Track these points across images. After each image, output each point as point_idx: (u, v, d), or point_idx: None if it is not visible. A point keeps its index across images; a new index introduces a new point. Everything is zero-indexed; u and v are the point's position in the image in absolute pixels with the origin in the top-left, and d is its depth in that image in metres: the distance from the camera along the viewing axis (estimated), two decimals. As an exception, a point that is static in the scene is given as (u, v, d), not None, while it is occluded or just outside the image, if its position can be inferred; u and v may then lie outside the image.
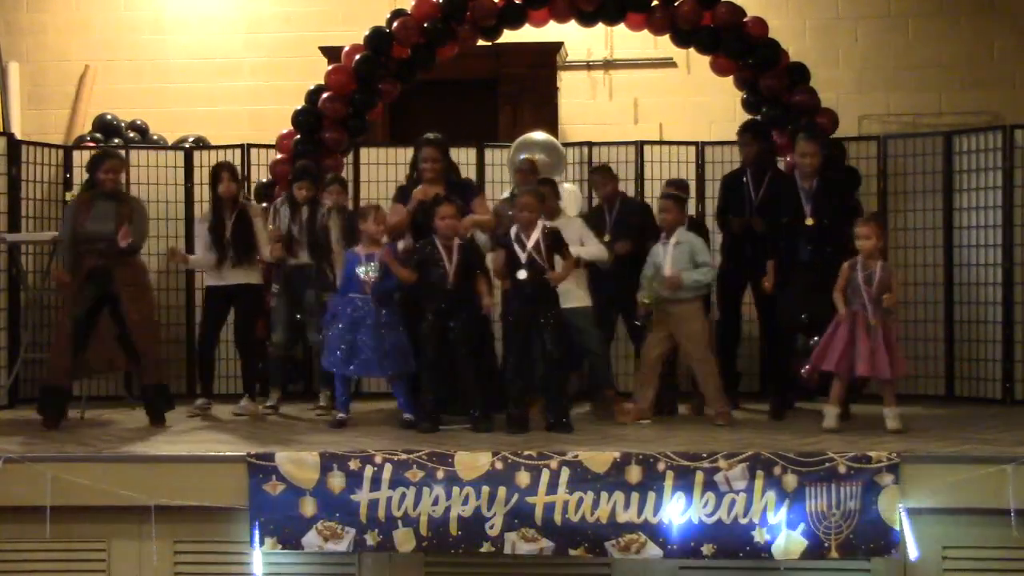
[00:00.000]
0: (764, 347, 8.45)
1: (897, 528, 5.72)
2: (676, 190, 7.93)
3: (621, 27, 9.12)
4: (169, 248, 8.26)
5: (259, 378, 8.09)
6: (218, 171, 7.95)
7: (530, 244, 7.00)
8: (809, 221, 7.47)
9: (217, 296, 7.99)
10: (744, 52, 8.63)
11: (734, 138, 8.79)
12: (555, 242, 7.07)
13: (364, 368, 7.31)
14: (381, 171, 9.31)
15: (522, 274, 6.96)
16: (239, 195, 8.01)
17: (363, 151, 9.34)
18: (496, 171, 9.30)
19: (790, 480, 5.79)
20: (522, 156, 8.26)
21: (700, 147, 9.32)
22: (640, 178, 9.31)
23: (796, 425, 7.08)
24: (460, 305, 7.03)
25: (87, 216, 7.27)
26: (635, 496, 5.82)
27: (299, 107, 8.75)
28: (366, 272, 7.21)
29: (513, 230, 7.11)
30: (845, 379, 6.93)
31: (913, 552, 5.72)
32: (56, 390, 7.30)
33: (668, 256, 7.36)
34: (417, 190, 7.58)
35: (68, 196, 8.78)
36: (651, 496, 5.82)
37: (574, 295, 7.46)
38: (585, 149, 9.43)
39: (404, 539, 5.90)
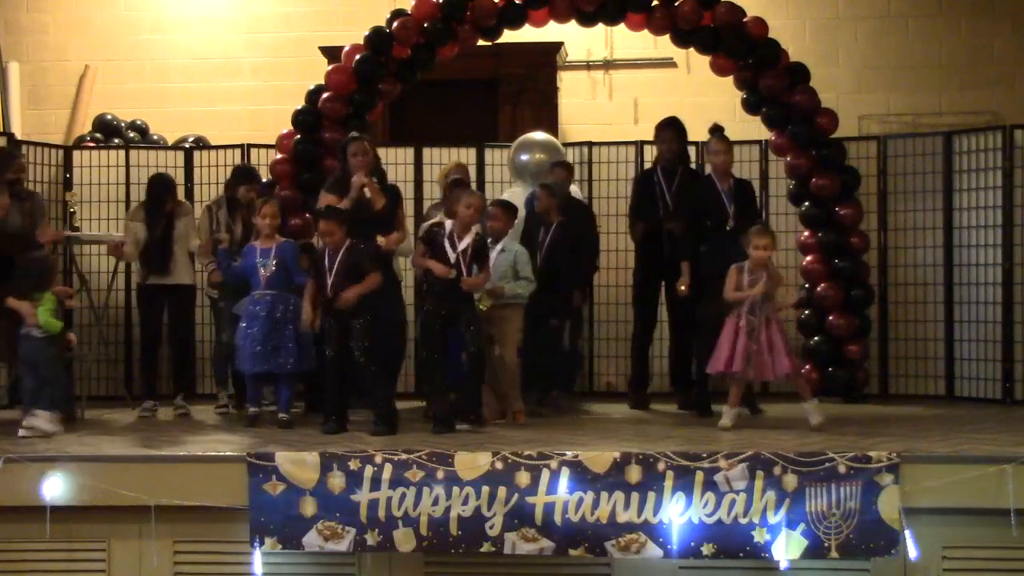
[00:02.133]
0: (672, 347, 8.47)
1: (897, 528, 5.72)
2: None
3: (621, 27, 9.13)
4: (115, 241, 8.25)
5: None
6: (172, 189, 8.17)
7: (461, 246, 7.05)
8: (730, 224, 7.64)
9: (150, 295, 8.07)
10: (744, 52, 8.63)
11: (734, 138, 8.77)
12: (480, 252, 7.13)
13: (259, 365, 7.28)
14: (381, 171, 9.31)
15: (453, 272, 7.00)
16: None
17: (363, 151, 9.32)
18: (496, 171, 9.31)
19: (790, 480, 5.78)
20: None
21: (700, 147, 9.31)
22: (640, 178, 9.31)
23: (796, 425, 7.08)
24: (352, 309, 6.97)
25: None
26: (635, 496, 5.82)
27: (299, 107, 8.74)
28: (265, 267, 7.29)
29: (448, 226, 7.15)
30: (740, 381, 7.13)
31: (913, 552, 5.72)
32: None
33: (493, 265, 7.39)
34: (356, 178, 7.51)
35: (68, 196, 8.79)
36: (651, 496, 5.81)
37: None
38: (585, 149, 9.43)
39: (404, 539, 5.90)
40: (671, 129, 8.34)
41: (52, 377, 7.05)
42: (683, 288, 7.67)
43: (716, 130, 7.95)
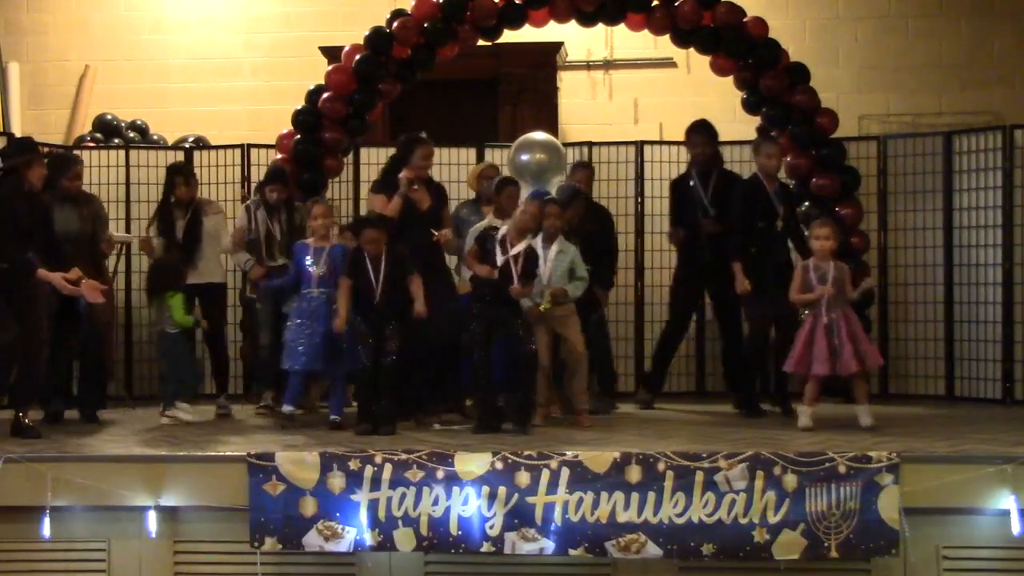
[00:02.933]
0: (726, 348, 8.45)
1: (897, 528, 5.72)
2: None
3: (621, 27, 9.13)
4: (141, 237, 8.23)
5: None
6: (172, 176, 8.06)
7: (513, 252, 7.02)
8: (780, 223, 7.63)
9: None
10: (744, 52, 8.63)
11: (734, 138, 8.82)
12: (531, 260, 7.09)
13: (313, 363, 7.25)
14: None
15: (495, 273, 6.98)
16: (196, 196, 8.13)
17: (363, 151, 9.34)
18: (496, 171, 9.30)
19: (790, 480, 5.78)
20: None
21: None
22: (640, 178, 9.32)
23: (796, 426, 7.08)
24: (390, 315, 6.97)
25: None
26: (635, 496, 5.82)
27: (299, 107, 8.75)
28: (317, 266, 7.24)
29: (502, 230, 7.12)
30: (817, 380, 7.02)
31: (913, 552, 5.72)
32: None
33: (548, 264, 7.34)
34: (404, 174, 7.48)
35: None
36: (651, 496, 5.81)
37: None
38: (585, 149, 9.43)
39: (404, 539, 5.90)
40: (702, 132, 8.35)
41: (185, 370, 7.59)
42: (745, 287, 7.60)
43: (765, 132, 7.93)
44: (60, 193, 7.48)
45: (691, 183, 8.28)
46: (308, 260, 7.28)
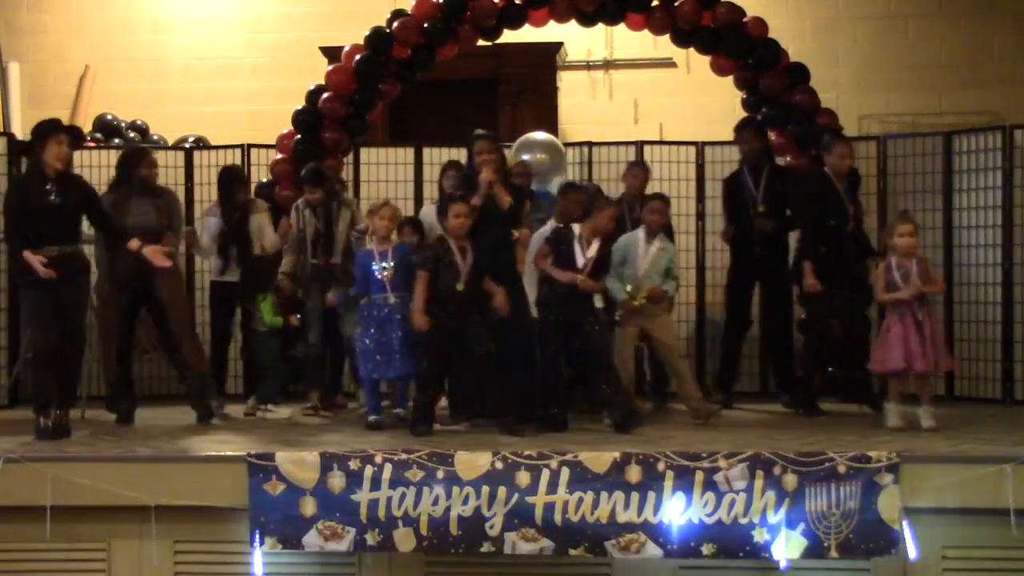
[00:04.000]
0: (774, 345, 8.41)
1: (897, 528, 5.72)
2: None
3: (621, 27, 9.13)
4: (187, 230, 8.20)
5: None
6: (234, 182, 8.06)
7: (590, 252, 7.02)
8: (850, 223, 7.61)
9: (224, 292, 8.07)
10: (744, 52, 8.63)
11: (734, 138, 8.79)
12: (604, 261, 7.09)
13: (400, 370, 7.14)
14: (381, 171, 9.30)
15: (579, 278, 6.96)
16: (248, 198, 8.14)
17: (363, 151, 9.33)
18: (496, 171, 9.29)
19: (790, 480, 5.78)
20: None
21: (700, 147, 9.31)
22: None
23: (796, 425, 7.08)
24: (473, 307, 6.90)
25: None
26: (635, 496, 5.82)
27: (299, 107, 8.75)
28: (382, 269, 7.16)
29: (578, 230, 7.11)
30: (903, 377, 6.95)
31: (913, 552, 5.72)
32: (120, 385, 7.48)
33: (647, 259, 7.35)
34: (484, 175, 7.38)
35: None
36: (651, 496, 5.81)
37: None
38: (585, 149, 9.42)
39: (404, 539, 5.90)
40: (749, 129, 8.34)
41: (272, 368, 7.84)
42: (814, 286, 7.54)
43: (837, 132, 7.93)
44: (137, 185, 7.46)
45: (743, 179, 8.24)
46: (375, 265, 7.15)
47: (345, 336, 7.86)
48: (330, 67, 8.94)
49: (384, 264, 7.14)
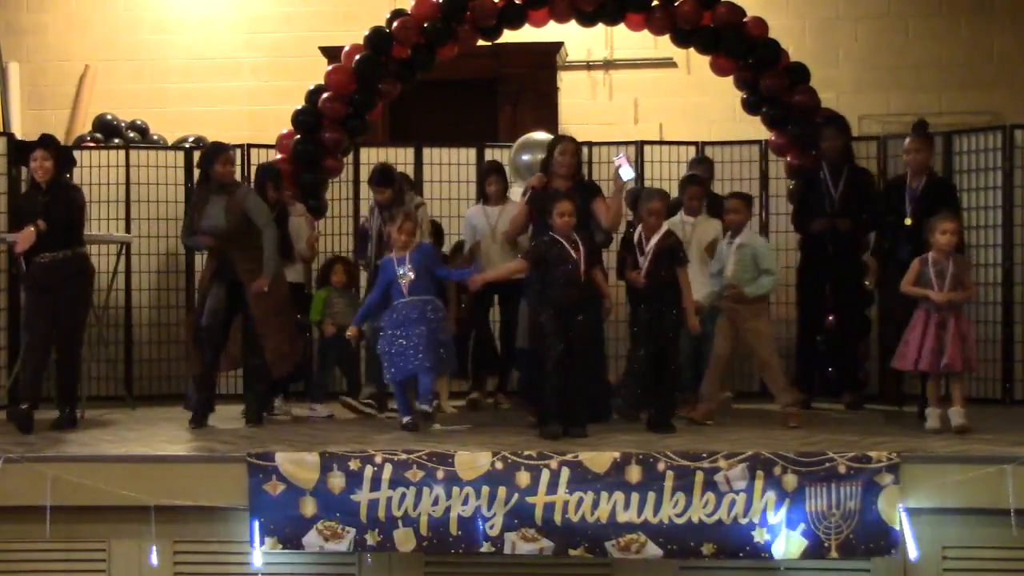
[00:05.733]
0: (847, 344, 8.25)
1: (897, 528, 5.72)
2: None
3: (621, 27, 9.12)
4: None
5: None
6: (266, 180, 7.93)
7: (648, 248, 6.99)
8: (908, 221, 7.50)
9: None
10: (744, 52, 8.63)
11: (734, 138, 8.80)
12: (673, 252, 7.01)
13: (404, 371, 7.09)
14: (381, 171, 9.30)
15: (643, 281, 6.97)
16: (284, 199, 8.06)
17: (363, 151, 9.33)
18: (496, 171, 9.29)
19: (790, 480, 5.78)
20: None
21: (700, 147, 9.30)
22: (640, 178, 9.30)
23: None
24: (587, 301, 6.92)
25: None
26: (635, 496, 5.82)
27: (299, 107, 8.74)
28: (403, 275, 7.13)
29: (636, 233, 7.11)
30: (935, 377, 6.86)
31: (913, 552, 5.72)
32: (202, 384, 7.38)
33: (731, 258, 7.29)
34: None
35: None
36: (651, 496, 5.81)
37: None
38: (585, 149, 9.41)
39: (404, 539, 5.90)
40: (832, 126, 8.21)
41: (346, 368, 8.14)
42: (872, 281, 7.57)
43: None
44: (215, 183, 7.31)
45: (821, 176, 8.11)
46: (400, 271, 7.13)
47: (366, 338, 7.85)
48: (330, 67, 8.94)
49: (402, 270, 7.13)
